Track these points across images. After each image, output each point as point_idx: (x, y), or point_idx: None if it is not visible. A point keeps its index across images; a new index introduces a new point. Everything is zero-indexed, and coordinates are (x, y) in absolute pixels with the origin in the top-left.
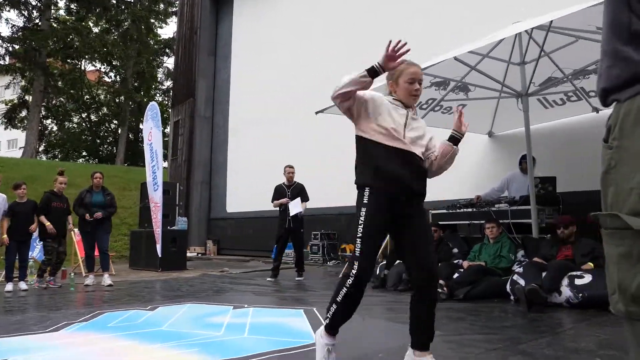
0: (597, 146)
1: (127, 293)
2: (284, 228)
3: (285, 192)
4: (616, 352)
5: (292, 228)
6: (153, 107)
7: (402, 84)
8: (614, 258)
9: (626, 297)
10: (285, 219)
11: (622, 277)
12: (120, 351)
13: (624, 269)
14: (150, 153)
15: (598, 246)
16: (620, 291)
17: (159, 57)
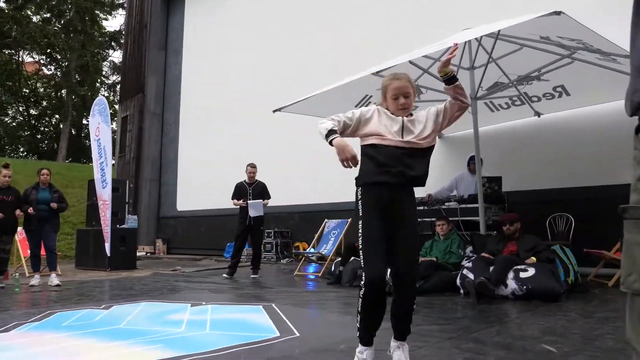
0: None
1: (77, 293)
2: (244, 225)
3: (247, 190)
4: (558, 338)
5: (252, 226)
6: (101, 102)
7: (389, 100)
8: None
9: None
10: (245, 217)
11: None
12: (80, 350)
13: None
14: (98, 149)
15: (540, 242)
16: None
17: (104, 50)
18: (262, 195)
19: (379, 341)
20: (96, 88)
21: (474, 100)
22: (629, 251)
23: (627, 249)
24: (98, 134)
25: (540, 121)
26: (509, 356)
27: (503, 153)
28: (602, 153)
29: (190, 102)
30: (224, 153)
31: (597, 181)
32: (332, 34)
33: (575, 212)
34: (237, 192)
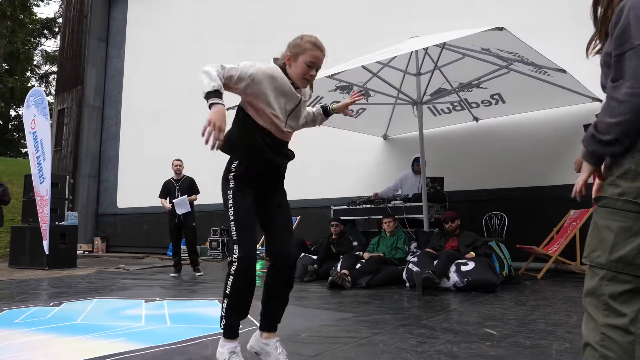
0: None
1: (19, 291)
2: (173, 223)
3: (174, 186)
4: (497, 323)
5: (183, 222)
6: (37, 93)
7: (300, 63)
8: (613, 228)
9: (613, 255)
10: (174, 214)
11: (617, 242)
12: (42, 344)
13: (621, 237)
14: (34, 142)
15: (478, 238)
16: (610, 250)
17: (36, 38)
18: (190, 190)
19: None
20: (26, 78)
21: (420, 104)
22: (599, 232)
23: (597, 230)
24: (34, 127)
25: (478, 126)
26: (456, 339)
27: (444, 155)
28: (533, 157)
29: (133, 97)
30: (167, 150)
31: (528, 182)
32: (280, 30)
33: (508, 211)
34: (165, 189)
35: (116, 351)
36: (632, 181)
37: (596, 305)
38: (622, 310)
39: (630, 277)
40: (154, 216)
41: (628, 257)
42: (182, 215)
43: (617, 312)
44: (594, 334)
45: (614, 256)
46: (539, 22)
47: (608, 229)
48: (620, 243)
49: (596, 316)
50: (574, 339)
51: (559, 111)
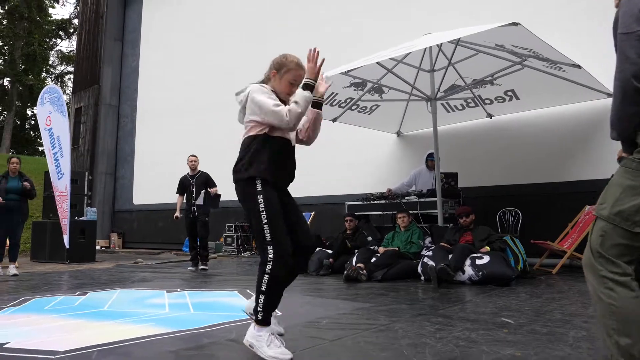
0: (490, 147)
1: (44, 282)
2: (189, 217)
3: (190, 182)
4: (513, 313)
5: (197, 217)
6: (53, 90)
7: (284, 81)
8: (623, 185)
9: (614, 209)
10: (189, 210)
11: (622, 197)
12: (75, 327)
13: (626, 194)
14: (50, 139)
15: (492, 232)
16: (612, 204)
17: (52, 39)
18: (206, 185)
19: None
20: (42, 78)
21: (434, 100)
22: (610, 188)
23: (610, 186)
24: (49, 124)
25: (492, 122)
26: (474, 326)
27: (458, 151)
28: (548, 153)
29: (148, 94)
30: (182, 147)
31: (542, 178)
32: (297, 29)
33: (523, 207)
34: (181, 185)
35: (146, 334)
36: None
37: (595, 256)
38: (617, 261)
39: (624, 232)
40: (170, 212)
41: (626, 212)
42: (196, 210)
43: (613, 263)
44: (598, 283)
45: (615, 210)
46: (554, 17)
47: (618, 185)
48: (624, 199)
49: (595, 266)
50: (591, 328)
51: (573, 107)
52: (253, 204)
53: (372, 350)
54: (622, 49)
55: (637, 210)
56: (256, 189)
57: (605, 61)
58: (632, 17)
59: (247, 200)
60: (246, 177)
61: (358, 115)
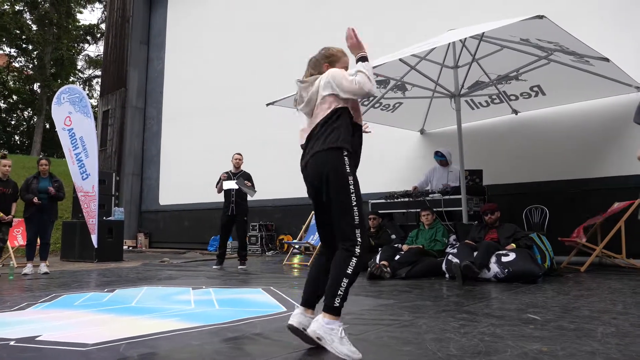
0: (516, 144)
1: (73, 280)
2: (226, 216)
3: (231, 178)
4: (540, 310)
5: (236, 215)
6: (73, 90)
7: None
8: None
9: None
10: (228, 207)
11: None
12: (104, 321)
13: None
14: (71, 140)
15: (518, 229)
16: None
17: (80, 44)
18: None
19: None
20: (70, 81)
21: (458, 97)
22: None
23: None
24: (69, 124)
25: (517, 119)
26: (499, 322)
27: (483, 148)
28: (575, 149)
29: (173, 97)
30: (207, 148)
31: (569, 175)
32: (318, 29)
33: (550, 204)
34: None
35: (173, 328)
36: None
37: None
38: None
39: None
40: (195, 212)
41: None
42: (235, 208)
43: None
44: None
45: None
46: (580, 10)
47: None
48: None
49: None
50: (620, 324)
51: (600, 102)
52: (343, 180)
53: (395, 344)
54: None
55: None
56: (345, 164)
57: (634, 55)
58: None
59: (336, 175)
60: (336, 146)
61: (381, 113)
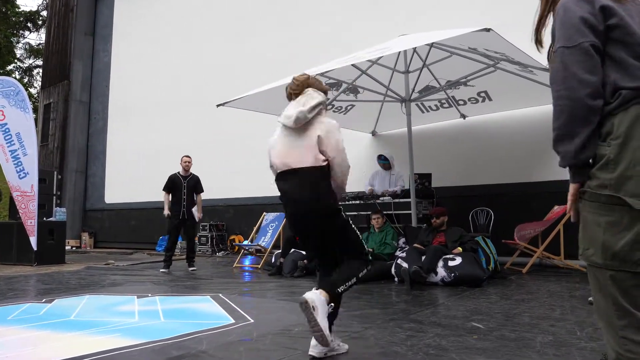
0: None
1: (9, 287)
2: (177, 219)
3: (181, 183)
4: (484, 317)
5: (186, 219)
6: (7, 83)
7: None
8: (601, 224)
9: (606, 253)
10: (179, 211)
11: (608, 238)
12: (38, 340)
13: (610, 232)
14: (3, 135)
15: (465, 233)
16: (602, 248)
17: (19, 31)
18: (195, 188)
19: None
20: (8, 71)
21: (408, 102)
22: (589, 229)
23: (586, 226)
24: (2, 118)
25: (465, 123)
26: (444, 332)
27: (432, 151)
28: (519, 153)
29: (121, 91)
30: (155, 145)
31: (514, 178)
32: (273, 27)
33: (495, 207)
34: (170, 184)
35: (114, 346)
36: (612, 172)
37: (607, 308)
38: (633, 309)
39: (629, 275)
40: (142, 211)
41: (621, 254)
42: (186, 212)
43: (629, 313)
44: (615, 341)
45: (608, 254)
46: (526, 21)
47: (596, 225)
48: (611, 239)
49: (611, 321)
50: (557, 331)
51: (544, 109)
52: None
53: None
54: (566, 65)
55: (631, 249)
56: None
57: None
58: (571, 27)
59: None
60: (336, 208)
61: (333, 115)
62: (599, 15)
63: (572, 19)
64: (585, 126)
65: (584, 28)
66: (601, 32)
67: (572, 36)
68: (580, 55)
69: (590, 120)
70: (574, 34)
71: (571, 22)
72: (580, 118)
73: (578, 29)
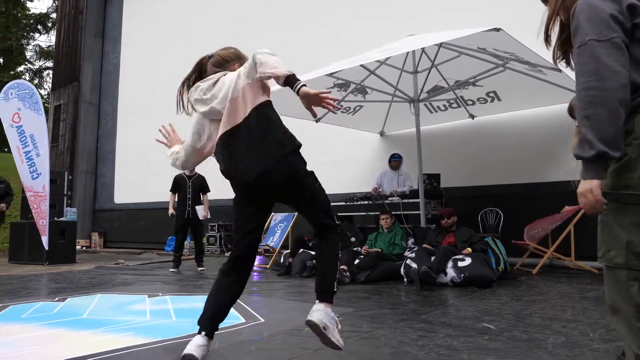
0: (472, 148)
1: (22, 286)
2: (183, 219)
3: (186, 183)
4: (494, 318)
5: (192, 219)
6: (23, 86)
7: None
8: (624, 224)
9: (631, 254)
10: (184, 211)
11: (632, 238)
12: (51, 338)
13: (635, 232)
14: (20, 137)
15: (474, 234)
16: (627, 249)
17: (30, 34)
18: (201, 188)
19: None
20: (19, 73)
21: (417, 102)
22: (610, 230)
23: (607, 228)
24: (18, 121)
25: (474, 123)
26: (455, 333)
27: (441, 152)
28: (529, 153)
29: (129, 92)
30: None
31: (523, 179)
32: (274, 27)
33: (504, 207)
34: (175, 184)
35: (127, 345)
36: (634, 171)
37: (627, 310)
38: None
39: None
40: (151, 211)
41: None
42: (191, 212)
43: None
44: (636, 343)
45: (633, 254)
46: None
47: (619, 226)
48: (636, 239)
49: (631, 322)
50: (569, 332)
51: (554, 109)
52: (312, 175)
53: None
54: (597, 56)
55: None
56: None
57: None
58: (601, 23)
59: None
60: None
61: (341, 115)
62: (626, 14)
63: (601, 15)
64: (617, 117)
65: (614, 24)
66: (629, 30)
67: (602, 31)
68: (612, 49)
69: (621, 111)
70: (604, 29)
71: (600, 17)
72: (613, 108)
73: (608, 24)
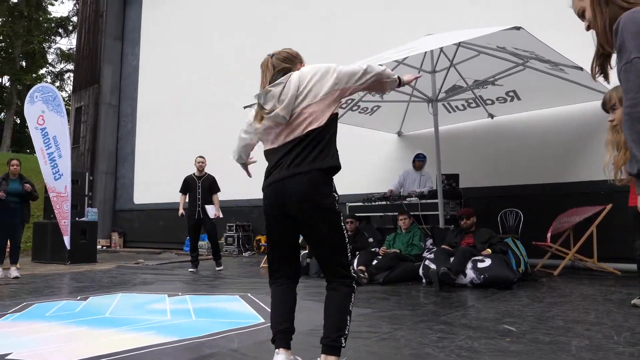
0: (491, 148)
1: (46, 285)
2: (193, 219)
3: (196, 183)
4: (516, 320)
5: (203, 219)
6: (46, 89)
7: None
8: None
9: None
10: (194, 212)
11: None
12: (76, 336)
13: None
14: (43, 139)
15: (494, 234)
16: None
17: (51, 37)
18: (211, 189)
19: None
20: (41, 76)
21: (435, 102)
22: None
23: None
24: (42, 123)
25: (493, 123)
26: (476, 334)
27: (459, 152)
28: (549, 153)
29: (149, 94)
30: (183, 146)
31: (543, 179)
32: (294, 29)
33: (524, 208)
34: (185, 185)
35: (148, 343)
36: None
37: None
38: None
39: None
40: (170, 212)
41: None
42: (202, 212)
43: None
44: None
45: None
46: (556, 19)
47: None
48: None
49: None
50: (593, 336)
51: (574, 108)
52: (336, 216)
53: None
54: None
55: None
56: (335, 197)
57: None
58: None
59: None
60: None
61: (359, 115)
62: None
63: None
64: None
65: None
66: None
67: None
68: None
69: None
70: None
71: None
72: None
73: None
